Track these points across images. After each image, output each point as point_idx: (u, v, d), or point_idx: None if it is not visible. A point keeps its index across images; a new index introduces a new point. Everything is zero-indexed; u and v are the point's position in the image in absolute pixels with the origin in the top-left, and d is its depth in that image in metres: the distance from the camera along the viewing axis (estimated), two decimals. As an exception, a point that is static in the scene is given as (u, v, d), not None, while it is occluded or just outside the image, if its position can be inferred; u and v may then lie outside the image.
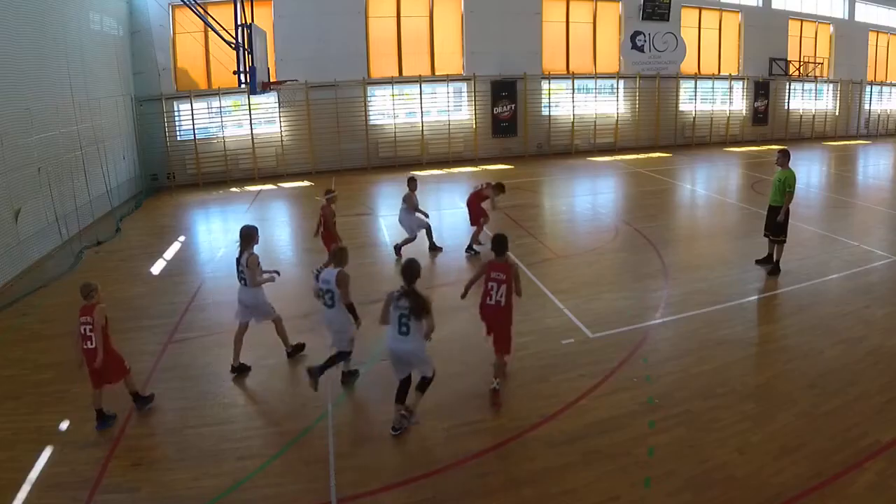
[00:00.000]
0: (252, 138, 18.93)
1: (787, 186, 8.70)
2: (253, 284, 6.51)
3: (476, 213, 10.60)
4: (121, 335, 7.61)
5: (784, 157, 8.82)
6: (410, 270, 5.22)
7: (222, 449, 5.17)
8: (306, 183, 18.30)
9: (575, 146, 22.82)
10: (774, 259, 9.07)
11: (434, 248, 10.75)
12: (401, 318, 5.12)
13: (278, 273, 7.07)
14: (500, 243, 6.09)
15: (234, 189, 17.82)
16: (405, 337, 5.14)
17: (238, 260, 6.57)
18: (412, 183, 10.72)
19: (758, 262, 9.38)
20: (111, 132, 15.11)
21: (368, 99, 20.09)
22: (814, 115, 27.78)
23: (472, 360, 6.63)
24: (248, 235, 6.60)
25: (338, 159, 19.84)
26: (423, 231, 10.65)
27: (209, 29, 13.62)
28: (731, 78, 25.24)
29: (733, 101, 25.65)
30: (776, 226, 8.89)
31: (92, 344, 5.33)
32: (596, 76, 22.99)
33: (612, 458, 4.87)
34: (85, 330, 5.37)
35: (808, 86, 27.42)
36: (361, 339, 7.21)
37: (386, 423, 5.46)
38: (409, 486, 4.63)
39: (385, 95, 20.58)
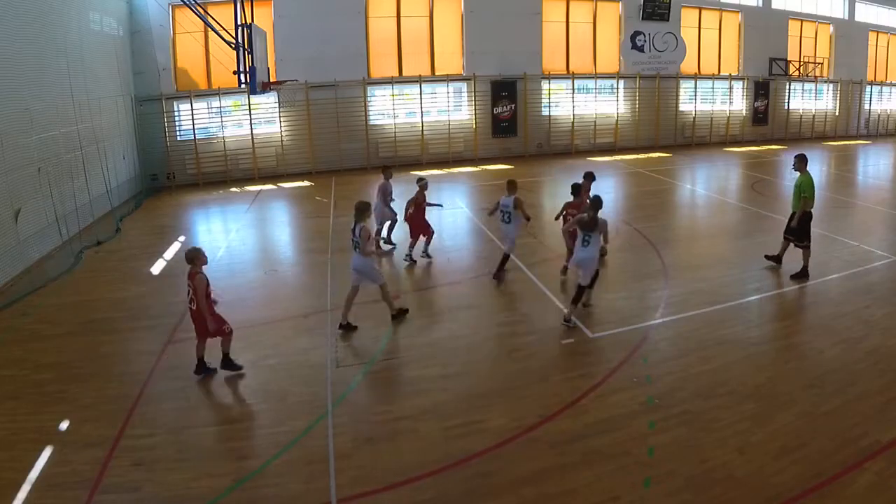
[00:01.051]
0: (252, 138, 18.93)
1: (801, 191, 8.60)
2: (364, 254, 7.27)
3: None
4: (121, 335, 7.66)
5: (801, 161, 8.76)
6: (597, 203, 7.50)
7: (222, 449, 5.17)
8: (306, 183, 18.30)
9: (575, 146, 22.82)
10: (802, 265, 8.82)
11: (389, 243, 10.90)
12: (584, 237, 7.26)
13: (387, 248, 8.92)
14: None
15: (234, 189, 17.82)
16: (586, 248, 7.25)
17: (353, 230, 7.30)
18: (387, 172, 11.01)
19: (767, 257, 9.36)
20: (111, 132, 15.12)
21: (368, 99, 20.09)
22: (814, 115, 27.78)
23: (472, 360, 6.63)
24: (361, 209, 7.41)
25: (338, 159, 19.84)
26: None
27: (209, 29, 13.61)
28: (731, 78, 25.24)
29: (733, 101, 25.66)
30: (797, 231, 8.77)
31: (194, 305, 6.16)
32: (596, 76, 22.99)
33: (612, 458, 4.87)
34: (189, 293, 6.20)
35: (808, 86, 27.42)
36: (363, 338, 7.23)
37: (386, 423, 5.47)
38: (409, 486, 4.63)
39: (385, 95, 20.58)
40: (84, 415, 5.71)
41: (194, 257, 6.15)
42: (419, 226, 10.11)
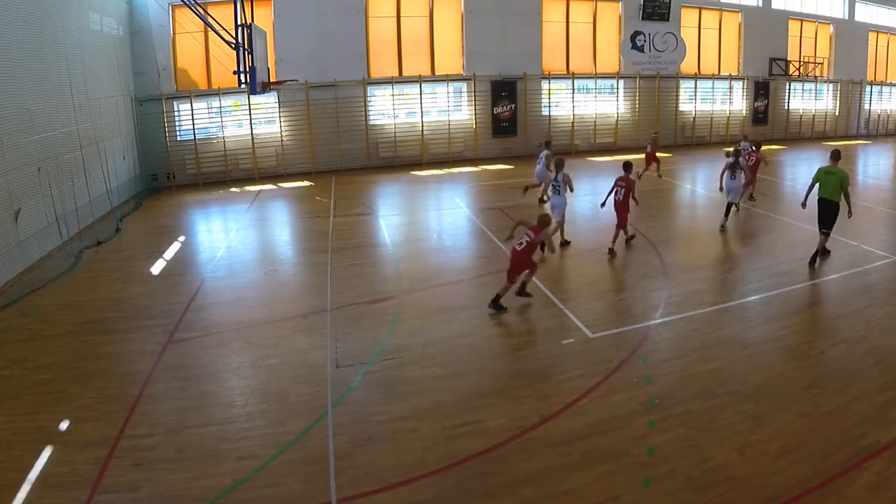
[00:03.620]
0: (252, 138, 18.92)
1: (843, 184, 9.02)
2: (569, 190, 10.23)
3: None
4: (121, 335, 7.66)
5: (837, 157, 9.39)
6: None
7: (222, 449, 5.17)
8: (306, 183, 18.30)
9: (575, 146, 22.82)
10: (824, 248, 9.38)
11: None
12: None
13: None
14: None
15: (234, 189, 17.82)
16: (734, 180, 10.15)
17: (555, 178, 10.12)
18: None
19: (813, 259, 9.33)
20: (111, 132, 15.11)
21: (368, 99, 20.09)
22: (814, 115, 27.78)
23: (472, 360, 6.64)
24: (560, 163, 10.30)
25: (338, 159, 19.84)
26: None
27: (209, 29, 13.61)
28: (731, 78, 25.24)
29: (733, 101, 25.65)
30: (832, 221, 9.19)
31: (520, 248, 7.66)
32: (596, 76, 22.99)
33: (612, 458, 4.87)
34: (523, 240, 7.72)
35: (808, 86, 27.42)
36: (363, 338, 7.23)
37: (386, 423, 5.47)
38: (409, 486, 4.63)
39: (385, 95, 20.58)
40: (84, 415, 5.71)
41: (543, 221, 7.98)
42: (625, 215, 10.31)
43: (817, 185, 9.34)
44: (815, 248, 9.38)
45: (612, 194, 10.30)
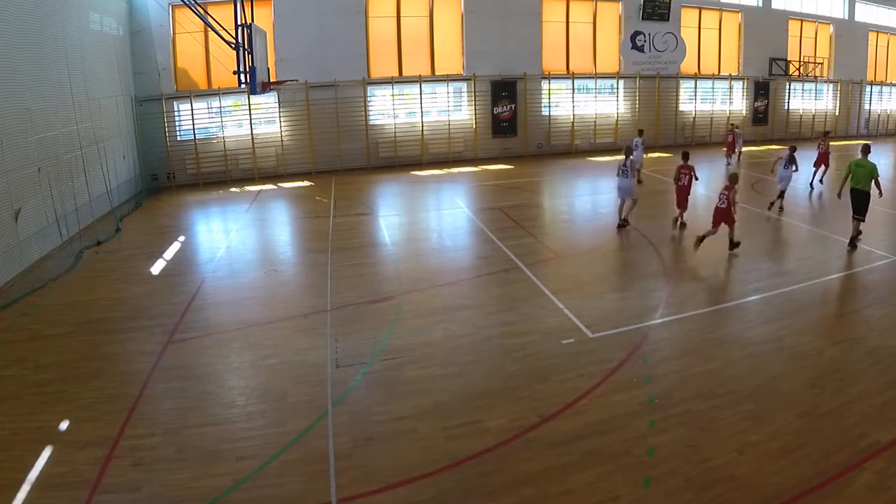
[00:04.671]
0: (252, 138, 18.93)
1: (874, 174, 10.06)
2: (633, 175, 11.63)
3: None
4: (121, 335, 7.66)
5: (865, 151, 10.50)
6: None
7: (222, 449, 5.16)
8: (306, 183, 18.30)
9: (575, 146, 22.83)
10: (858, 233, 10.27)
11: None
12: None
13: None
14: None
15: (234, 189, 17.82)
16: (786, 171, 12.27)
17: (624, 162, 11.41)
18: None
19: (852, 243, 10.18)
20: (111, 132, 15.11)
21: (368, 99, 20.09)
22: (814, 115, 27.78)
23: (472, 360, 6.64)
24: (629, 149, 11.80)
25: (338, 159, 19.85)
26: None
27: (209, 29, 13.61)
28: (731, 78, 25.24)
29: (733, 101, 25.65)
30: (863, 207, 10.14)
31: (723, 204, 9.55)
32: (596, 76, 22.99)
33: (612, 458, 4.87)
34: (721, 198, 9.63)
35: (808, 86, 27.42)
36: (363, 338, 7.23)
37: (386, 423, 5.47)
38: (409, 486, 4.63)
39: (385, 95, 20.58)
40: (84, 415, 5.71)
41: (735, 176, 9.80)
42: (685, 198, 11.85)
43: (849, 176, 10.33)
44: (851, 234, 10.32)
45: (678, 181, 11.78)
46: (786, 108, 26.87)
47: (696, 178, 12.13)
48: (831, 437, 5.01)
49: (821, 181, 16.32)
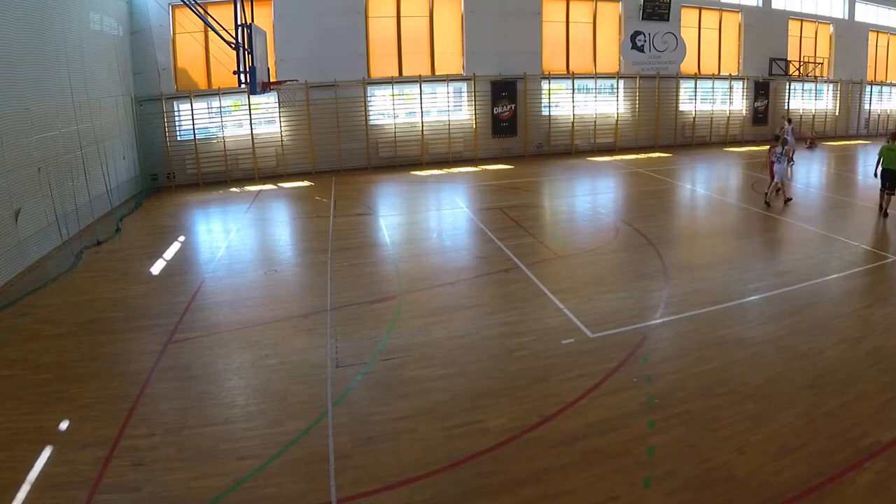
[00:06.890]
0: (252, 138, 18.93)
1: None
2: (786, 160, 13.55)
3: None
4: (121, 335, 7.66)
5: (894, 137, 12.12)
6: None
7: (222, 449, 5.16)
8: (306, 183, 18.30)
9: (575, 146, 22.83)
10: (886, 207, 12.18)
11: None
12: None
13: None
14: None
15: (234, 189, 17.82)
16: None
17: (772, 149, 13.39)
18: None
19: (882, 211, 12.21)
20: (111, 132, 15.11)
21: (368, 99, 20.09)
22: (814, 115, 27.78)
23: (472, 360, 6.63)
24: (784, 139, 13.80)
25: (338, 159, 19.85)
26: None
27: (209, 29, 13.62)
28: (731, 78, 25.24)
29: (733, 101, 25.65)
30: (893, 183, 12.00)
31: (774, 158, 12.93)
32: (596, 76, 22.99)
33: (612, 458, 4.87)
34: (774, 153, 12.93)
35: (808, 86, 27.42)
36: (363, 338, 7.24)
37: (386, 423, 5.47)
38: (409, 486, 4.63)
39: (385, 95, 20.58)
40: (84, 415, 5.71)
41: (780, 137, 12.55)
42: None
43: (881, 158, 12.06)
44: (882, 205, 12.23)
45: (770, 157, 13.63)
46: (786, 108, 26.86)
47: (792, 161, 14.27)
48: (831, 437, 5.00)
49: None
